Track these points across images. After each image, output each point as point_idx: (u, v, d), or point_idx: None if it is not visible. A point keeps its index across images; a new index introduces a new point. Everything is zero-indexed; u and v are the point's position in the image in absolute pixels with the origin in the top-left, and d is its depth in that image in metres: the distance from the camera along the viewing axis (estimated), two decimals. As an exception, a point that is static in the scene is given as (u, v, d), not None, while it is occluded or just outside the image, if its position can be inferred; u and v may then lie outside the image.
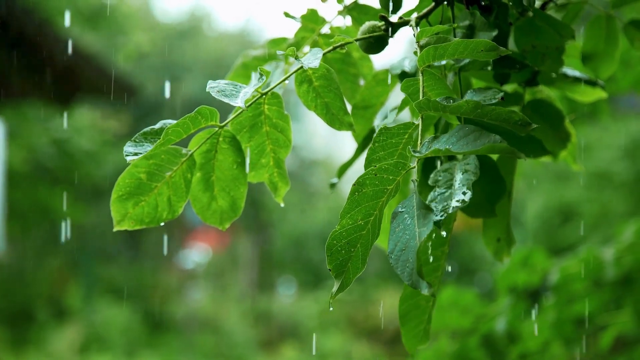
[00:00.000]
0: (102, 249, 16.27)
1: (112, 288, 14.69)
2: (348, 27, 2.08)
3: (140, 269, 16.38)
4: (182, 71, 20.27)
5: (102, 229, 15.12)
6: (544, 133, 2.03)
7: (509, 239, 2.01)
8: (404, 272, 1.34)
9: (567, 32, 1.87)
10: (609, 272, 3.57)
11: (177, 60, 20.63)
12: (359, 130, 2.04)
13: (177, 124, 1.57)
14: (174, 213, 1.68)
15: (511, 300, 3.74)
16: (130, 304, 13.94)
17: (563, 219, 10.62)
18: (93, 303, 13.68)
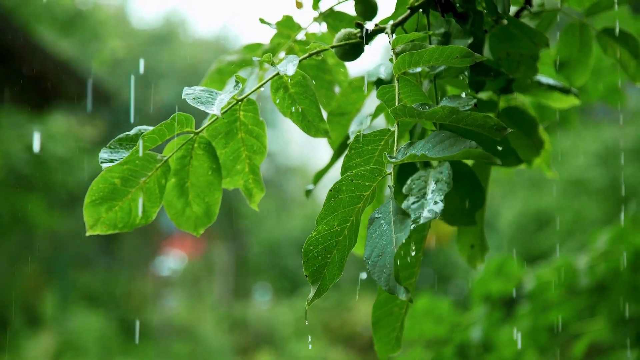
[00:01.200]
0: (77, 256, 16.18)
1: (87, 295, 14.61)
2: (324, 33, 2.08)
3: (116, 276, 16.30)
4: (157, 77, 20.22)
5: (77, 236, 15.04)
6: (518, 140, 2.04)
7: (483, 246, 2.02)
8: (381, 277, 1.35)
9: (541, 40, 1.88)
10: (583, 280, 3.59)
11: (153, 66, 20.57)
12: (334, 137, 2.04)
13: (152, 131, 1.56)
14: (148, 219, 1.68)
15: (486, 309, 3.75)
16: (105, 311, 13.87)
17: (538, 226, 10.67)
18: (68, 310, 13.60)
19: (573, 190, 10.12)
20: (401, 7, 1.87)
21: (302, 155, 24.03)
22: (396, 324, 1.75)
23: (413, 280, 1.74)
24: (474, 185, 1.77)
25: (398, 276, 1.33)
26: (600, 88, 3.67)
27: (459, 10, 1.78)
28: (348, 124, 2.06)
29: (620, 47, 2.07)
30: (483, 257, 2.03)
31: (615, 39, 2.07)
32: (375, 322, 1.75)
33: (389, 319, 1.75)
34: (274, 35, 2.09)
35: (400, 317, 1.75)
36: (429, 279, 15.10)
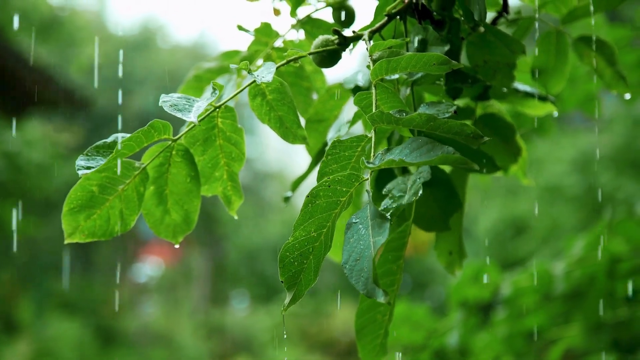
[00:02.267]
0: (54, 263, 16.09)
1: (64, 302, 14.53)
2: (301, 40, 2.09)
3: (92, 282, 16.23)
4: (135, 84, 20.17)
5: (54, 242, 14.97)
6: (496, 147, 2.05)
7: (461, 252, 2.02)
8: (358, 281, 1.35)
9: (518, 47, 1.89)
10: (559, 286, 3.61)
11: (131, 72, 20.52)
12: (312, 143, 2.04)
13: (130, 138, 1.56)
14: (126, 226, 1.67)
15: (463, 315, 3.76)
16: (81, 318, 13.80)
17: (515, 232, 10.71)
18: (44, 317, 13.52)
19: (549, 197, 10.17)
20: (379, 15, 1.88)
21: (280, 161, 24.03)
22: (380, 331, 1.75)
23: (395, 287, 1.74)
24: (449, 192, 1.78)
25: (377, 279, 1.33)
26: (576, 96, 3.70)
27: (436, 17, 1.79)
28: (326, 130, 2.06)
29: (596, 54, 2.08)
30: (461, 264, 2.03)
31: (591, 47, 2.08)
32: (358, 330, 1.75)
33: (372, 326, 1.74)
34: (252, 42, 2.09)
35: (383, 324, 1.75)
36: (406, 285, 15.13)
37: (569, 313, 3.68)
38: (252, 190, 20.83)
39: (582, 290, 3.61)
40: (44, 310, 13.82)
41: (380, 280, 1.72)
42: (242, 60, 2.06)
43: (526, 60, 2.18)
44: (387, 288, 1.74)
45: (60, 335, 12.83)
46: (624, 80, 2.07)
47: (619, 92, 2.10)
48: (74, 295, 15.05)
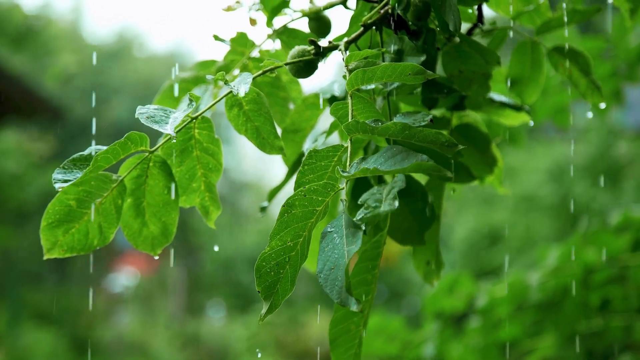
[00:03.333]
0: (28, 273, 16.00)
1: (38, 312, 14.44)
2: (277, 50, 2.09)
3: (67, 293, 16.14)
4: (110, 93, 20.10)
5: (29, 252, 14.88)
6: (471, 157, 2.05)
7: (439, 262, 2.03)
8: (332, 290, 1.35)
9: (493, 58, 1.90)
10: (533, 296, 3.62)
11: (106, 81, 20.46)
12: (289, 153, 2.04)
13: (106, 151, 1.55)
14: (105, 240, 1.66)
15: (438, 326, 3.76)
16: (56, 328, 13.72)
17: (490, 242, 10.74)
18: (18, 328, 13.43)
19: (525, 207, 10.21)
20: (354, 25, 1.88)
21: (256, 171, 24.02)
22: (354, 341, 1.75)
23: (370, 297, 1.74)
24: (425, 204, 1.78)
25: (350, 288, 1.33)
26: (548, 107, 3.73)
27: (411, 27, 1.79)
28: (302, 140, 2.06)
29: (571, 64, 2.09)
30: (439, 274, 2.04)
31: (566, 57, 2.09)
32: (332, 340, 1.75)
33: (346, 336, 1.74)
34: (228, 52, 2.09)
35: (357, 334, 1.75)
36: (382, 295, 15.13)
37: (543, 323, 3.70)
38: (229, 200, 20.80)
39: (556, 300, 3.62)
40: (18, 320, 13.73)
41: (355, 290, 1.73)
42: (218, 70, 2.06)
43: (501, 70, 2.19)
44: (362, 298, 1.75)
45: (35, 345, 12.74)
46: (598, 90, 2.08)
47: (593, 102, 2.11)
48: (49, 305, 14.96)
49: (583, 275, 3.56)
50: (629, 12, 2.09)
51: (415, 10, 1.73)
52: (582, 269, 3.56)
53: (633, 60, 3.89)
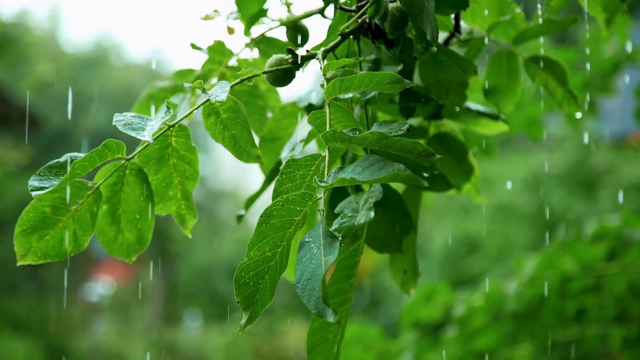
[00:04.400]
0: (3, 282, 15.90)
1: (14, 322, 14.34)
2: (255, 59, 2.09)
3: (43, 301, 16.05)
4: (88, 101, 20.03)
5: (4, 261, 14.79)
6: (448, 166, 2.06)
7: (416, 271, 2.03)
8: (310, 300, 1.35)
9: (470, 67, 1.91)
10: (510, 305, 3.63)
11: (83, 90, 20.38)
12: (266, 162, 2.04)
13: (83, 158, 1.55)
14: (80, 247, 1.66)
15: (415, 336, 3.77)
16: (32, 338, 13.63)
17: (467, 251, 10.77)
18: (-6, 337, 13.34)
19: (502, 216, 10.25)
20: (332, 34, 1.89)
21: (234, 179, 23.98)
22: (331, 351, 1.75)
23: (347, 306, 1.74)
24: (402, 213, 1.78)
25: (327, 299, 1.33)
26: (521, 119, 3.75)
27: (389, 37, 1.80)
28: (280, 149, 2.06)
29: (547, 74, 2.10)
30: (416, 283, 2.04)
31: (542, 67, 2.10)
32: (310, 350, 1.74)
33: (324, 345, 1.74)
34: (206, 61, 2.09)
35: (335, 343, 1.75)
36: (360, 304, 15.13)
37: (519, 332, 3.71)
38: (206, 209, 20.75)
39: (533, 309, 3.64)
40: (-7, 330, 13.64)
41: (332, 299, 1.73)
42: (196, 79, 2.06)
43: (478, 79, 2.20)
44: (339, 307, 1.75)
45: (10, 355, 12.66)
46: (575, 99, 2.09)
47: (570, 111, 2.12)
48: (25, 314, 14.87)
49: (560, 284, 3.58)
50: (605, 22, 2.10)
51: (393, 20, 1.73)
52: (558, 278, 3.58)
53: (607, 71, 3.92)
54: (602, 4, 2.08)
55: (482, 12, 2.10)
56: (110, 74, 22.01)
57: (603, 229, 3.71)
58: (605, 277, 3.64)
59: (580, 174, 9.99)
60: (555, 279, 3.58)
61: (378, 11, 1.73)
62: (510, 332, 3.72)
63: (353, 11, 1.84)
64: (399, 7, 1.73)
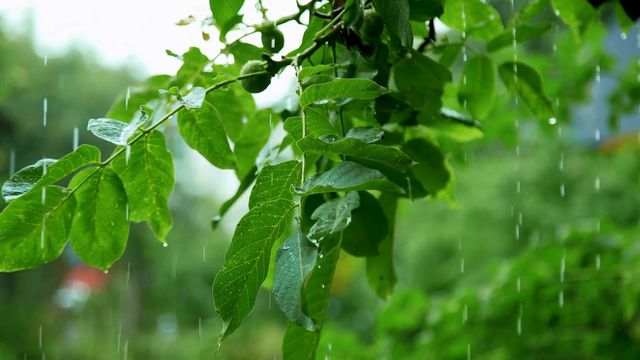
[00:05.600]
0: (-24, 288, 15.80)
1: (-14, 328, 14.26)
2: (231, 65, 2.09)
3: (16, 308, 15.95)
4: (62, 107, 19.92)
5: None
6: (424, 172, 2.07)
7: (392, 277, 2.03)
8: (289, 309, 1.34)
9: (444, 74, 1.91)
10: (485, 311, 3.64)
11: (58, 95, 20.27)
12: (241, 168, 2.04)
13: (57, 163, 1.54)
14: (54, 254, 1.64)
15: (391, 342, 3.77)
16: (5, 344, 13.53)
17: (443, 257, 10.79)
18: (-34, 344, 13.25)
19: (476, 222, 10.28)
20: (307, 40, 1.89)
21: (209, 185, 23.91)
22: (307, 356, 1.75)
23: (323, 312, 1.75)
24: (378, 217, 1.79)
25: (306, 308, 1.33)
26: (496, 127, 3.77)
27: (364, 43, 1.80)
28: (255, 155, 2.06)
29: (521, 80, 2.11)
30: (392, 289, 2.05)
31: (517, 73, 2.11)
32: (286, 355, 1.74)
33: (299, 351, 1.74)
34: (181, 67, 2.08)
35: (310, 348, 1.75)
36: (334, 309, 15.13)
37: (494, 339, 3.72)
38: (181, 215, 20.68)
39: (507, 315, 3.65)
40: (-34, 337, 13.54)
41: (309, 304, 1.73)
42: (171, 84, 2.05)
43: (453, 86, 2.21)
44: (315, 312, 1.75)
45: (-17, 362, 12.57)
46: (549, 105, 2.10)
47: (544, 117, 2.13)
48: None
49: (534, 290, 3.59)
50: (579, 30, 2.12)
51: (368, 26, 1.74)
52: (532, 284, 3.59)
53: (580, 79, 3.95)
54: (576, 12, 2.09)
55: (459, 14, 2.11)
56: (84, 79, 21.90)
57: (576, 235, 3.73)
58: (579, 284, 3.66)
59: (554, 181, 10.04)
60: (529, 285, 3.59)
61: (353, 17, 1.73)
62: (485, 338, 3.74)
63: (328, 17, 1.85)
64: (374, 13, 1.73)
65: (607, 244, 3.70)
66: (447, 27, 2.15)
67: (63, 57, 22.42)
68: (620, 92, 4.02)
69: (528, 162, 10.34)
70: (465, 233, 10.39)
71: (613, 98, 4.03)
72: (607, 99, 4.04)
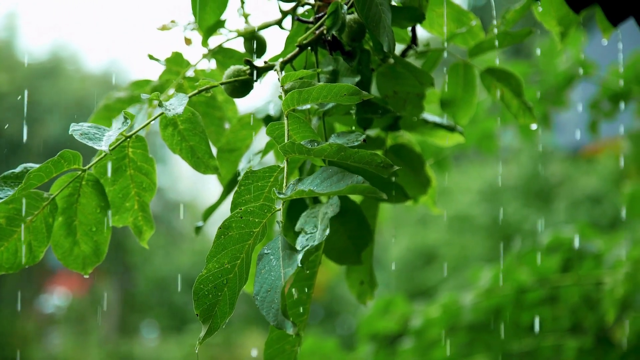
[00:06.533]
0: (-43, 294, 15.71)
1: (-34, 334, 14.18)
2: (213, 70, 2.09)
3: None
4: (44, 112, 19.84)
5: (-43, 273, 14.57)
6: (406, 177, 2.07)
7: (372, 282, 2.03)
8: (269, 313, 1.34)
9: (426, 79, 1.92)
10: (466, 316, 3.65)
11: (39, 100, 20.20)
12: (224, 173, 2.04)
13: (39, 168, 1.53)
14: (35, 259, 1.64)
15: (373, 347, 3.77)
16: (-15, 350, 13.47)
17: (425, 262, 10.80)
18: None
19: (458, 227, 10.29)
20: (290, 45, 1.89)
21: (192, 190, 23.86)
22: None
23: (305, 317, 1.74)
24: (361, 224, 1.79)
25: (286, 311, 1.33)
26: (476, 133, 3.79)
27: (346, 48, 1.81)
28: (238, 160, 2.06)
29: (503, 86, 2.12)
30: (372, 294, 2.05)
31: (498, 78, 2.12)
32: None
33: (281, 356, 1.74)
34: (163, 72, 2.08)
35: (292, 354, 1.74)
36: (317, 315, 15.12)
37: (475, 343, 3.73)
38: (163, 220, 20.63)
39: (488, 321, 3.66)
40: (-54, 343, 13.46)
41: (291, 309, 1.73)
42: (153, 89, 2.05)
43: (435, 91, 2.22)
44: (297, 317, 1.75)
45: (-37, 369, 12.50)
46: (530, 111, 2.11)
47: (525, 122, 2.14)
48: (-22, 327, 14.70)
49: (515, 295, 3.60)
50: (560, 36, 2.13)
51: (350, 32, 1.74)
52: (514, 289, 3.60)
53: (561, 84, 3.97)
54: (557, 18, 2.10)
55: (441, 20, 2.11)
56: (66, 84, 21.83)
57: (557, 240, 3.74)
58: (560, 289, 3.67)
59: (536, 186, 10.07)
60: (511, 290, 3.60)
61: (336, 23, 1.73)
62: (467, 343, 3.74)
63: (311, 23, 1.85)
64: (356, 18, 1.74)
65: (588, 249, 3.71)
66: (428, 32, 2.16)
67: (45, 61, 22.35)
68: (601, 98, 4.04)
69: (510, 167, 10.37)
70: (448, 238, 10.40)
71: (593, 104, 4.05)
72: (587, 105, 4.06)
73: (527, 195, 9.98)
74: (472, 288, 3.78)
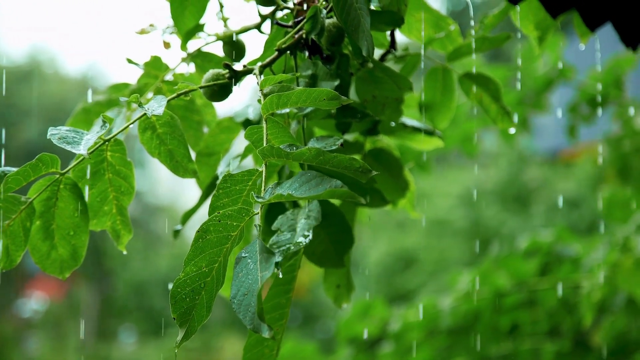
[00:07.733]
0: None
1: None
2: (192, 74, 2.09)
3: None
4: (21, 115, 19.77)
5: None
6: (384, 181, 2.07)
7: (349, 286, 2.03)
8: (246, 316, 1.34)
9: (405, 83, 1.92)
10: (445, 320, 3.66)
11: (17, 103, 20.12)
12: (203, 177, 2.04)
13: (17, 172, 1.53)
14: (12, 263, 1.63)
15: (352, 351, 3.77)
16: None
17: (404, 266, 10.82)
18: None
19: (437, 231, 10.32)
20: (269, 49, 1.89)
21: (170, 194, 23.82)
22: (268, 365, 1.74)
23: (284, 322, 1.74)
24: (342, 227, 1.79)
25: (262, 315, 1.33)
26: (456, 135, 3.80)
27: (325, 52, 1.81)
28: (216, 164, 2.06)
29: (481, 90, 2.13)
30: (349, 297, 2.05)
31: (477, 83, 2.13)
32: (246, 364, 1.74)
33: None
34: (142, 75, 2.08)
35: (271, 358, 1.74)
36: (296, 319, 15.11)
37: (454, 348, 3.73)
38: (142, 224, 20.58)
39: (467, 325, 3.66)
40: None
41: (269, 314, 1.72)
42: (131, 93, 2.05)
43: (414, 95, 2.22)
44: (276, 322, 1.74)
45: (-61, 373, 12.42)
46: (508, 115, 2.12)
47: (504, 127, 2.15)
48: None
49: (494, 299, 3.61)
50: (538, 40, 2.14)
51: (329, 36, 1.74)
52: (492, 293, 3.61)
53: (539, 88, 3.99)
54: (535, 22, 2.11)
55: (419, 25, 2.12)
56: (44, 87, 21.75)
57: (535, 244, 3.75)
58: (538, 292, 3.69)
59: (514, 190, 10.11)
60: (489, 294, 3.61)
61: (315, 27, 1.73)
62: (445, 347, 3.75)
63: (290, 27, 1.85)
64: (335, 23, 1.74)
65: (566, 253, 3.73)
66: (407, 37, 2.16)
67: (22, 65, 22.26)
68: (579, 102, 4.06)
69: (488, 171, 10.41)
70: (426, 242, 10.42)
71: (572, 108, 4.07)
72: (566, 109, 4.08)
73: (505, 199, 10.02)
74: (451, 292, 3.79)
